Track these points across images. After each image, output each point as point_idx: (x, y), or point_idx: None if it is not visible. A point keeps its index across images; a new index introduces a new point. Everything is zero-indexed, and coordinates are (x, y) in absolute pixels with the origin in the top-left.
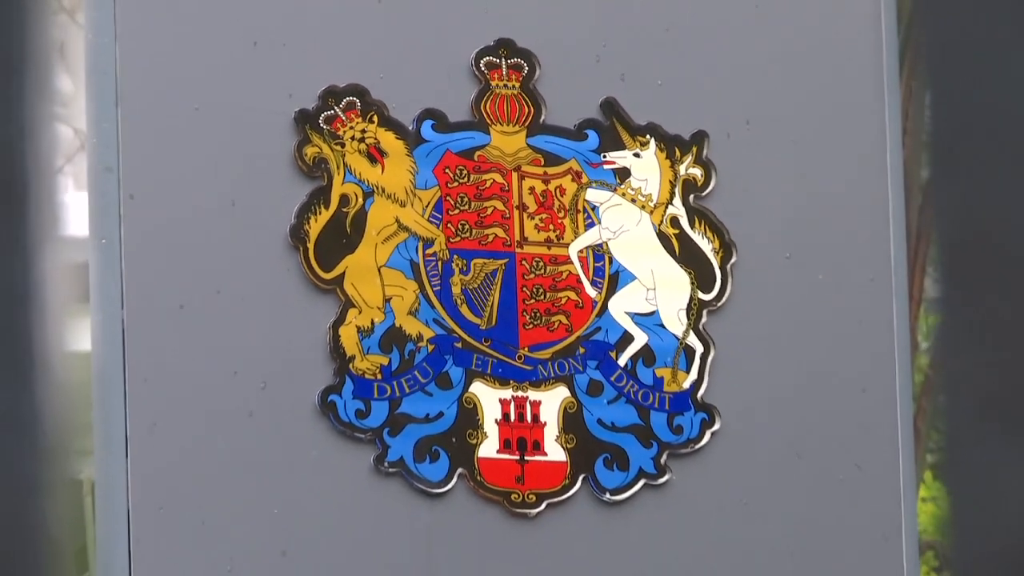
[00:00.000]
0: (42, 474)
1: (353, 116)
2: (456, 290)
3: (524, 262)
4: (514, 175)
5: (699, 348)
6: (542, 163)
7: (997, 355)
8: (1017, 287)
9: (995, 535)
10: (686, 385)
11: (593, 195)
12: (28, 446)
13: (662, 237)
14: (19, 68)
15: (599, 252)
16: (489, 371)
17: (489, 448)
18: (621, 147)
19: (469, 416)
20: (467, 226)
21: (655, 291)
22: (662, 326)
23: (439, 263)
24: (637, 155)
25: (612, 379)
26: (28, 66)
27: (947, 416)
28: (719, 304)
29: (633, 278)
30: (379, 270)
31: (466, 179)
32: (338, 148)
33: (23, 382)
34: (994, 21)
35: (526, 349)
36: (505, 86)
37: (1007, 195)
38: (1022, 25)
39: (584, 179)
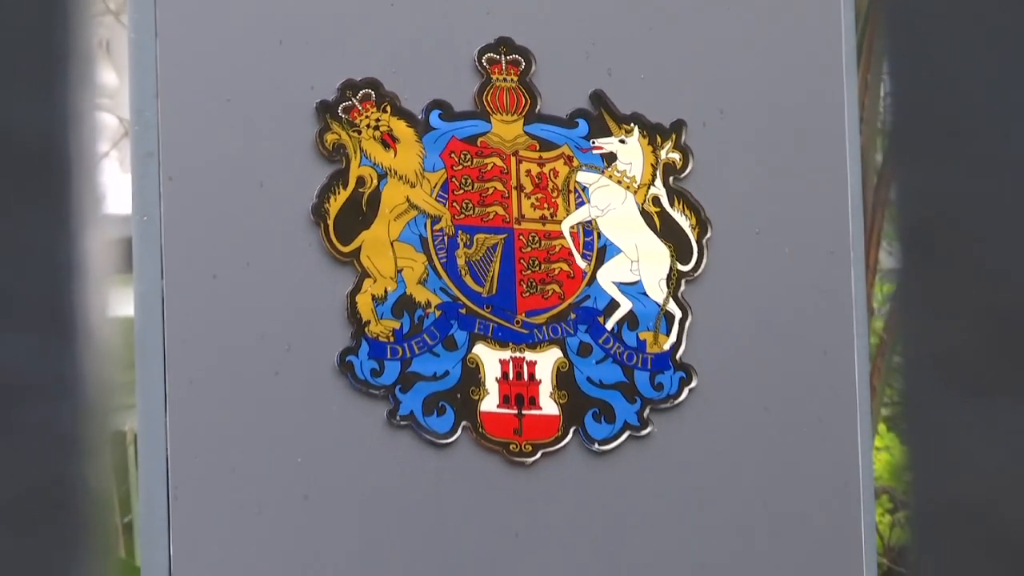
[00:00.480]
0: (88, 428)
1: (368, 106)
2: (461, 262)
3: (521, 237)
4: (512, 159)
5: (678, 314)
6: (537, 148)
7: (947, 320)
8: (963, 258)
9: (945, 481)
10: (666, 347)
11: (583, 177)
12: (75, 403)
13: (645, 214)
14: (64, 63)
15: (588, 228)
16: (490, 334)
17: (490, 403)
18: (608, 134)
19: (472, 375)
20: (470, 205)
21: (638, 263)
22: (645, 294)
23: (445, 238)
24: (623, 141)
25: (600, 341)
26: (72, 61)
27: (901, 374)
28: (696, 274)
29: (619, 251)
30: (392, 244)
31: (469, 163)
32: (355, 135)
33: (71, 345)
34: (944, 24)
35: (523, 315)
36: (504, 79)
37: (955, 175)
38: (968, 26)
39: (575, 163)
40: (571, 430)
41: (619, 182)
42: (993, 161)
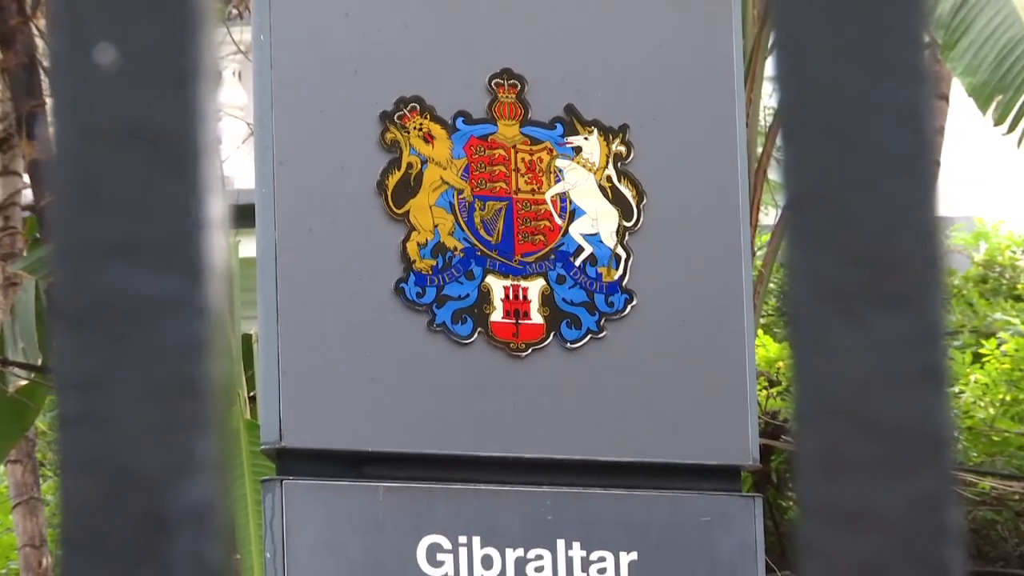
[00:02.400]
0: (221, 333)
1: (415, 114)
2: (477, 220)
3: (518, 203)
4: (512, 150)
5: (623, 255)
6: (529, 143)
7: (818, 256)
8: (827, 214)
9: (822, 377)
10: (616, 277)
11: (560, 163)
12: (208, 318)
13: (601, 188)
14: (195, 76)
15: (564, 197)
16: (497, 269)
17: (497, 315)
18: (576, 134)
19: (485, 296)
20: (484, 181)
21: (597, 221)
22: (601, 242)
23: (467, 203)
24: (586, 138)
25: (571, 274)
26: (201, 75)
27: (774, 296)
28: (636, 228)
29: (584, 212)
30: (430, 208)
31: (483, 153)
32: (405, 134)
33: (212, 280)
34: (815, 46)
35: (520, 256)
36: (506, 96)
37: (820, 155)
38: (834, 48)
39: (554, 153)
40: (551, 334)
41: (584, 166)
42: (850, 144)
